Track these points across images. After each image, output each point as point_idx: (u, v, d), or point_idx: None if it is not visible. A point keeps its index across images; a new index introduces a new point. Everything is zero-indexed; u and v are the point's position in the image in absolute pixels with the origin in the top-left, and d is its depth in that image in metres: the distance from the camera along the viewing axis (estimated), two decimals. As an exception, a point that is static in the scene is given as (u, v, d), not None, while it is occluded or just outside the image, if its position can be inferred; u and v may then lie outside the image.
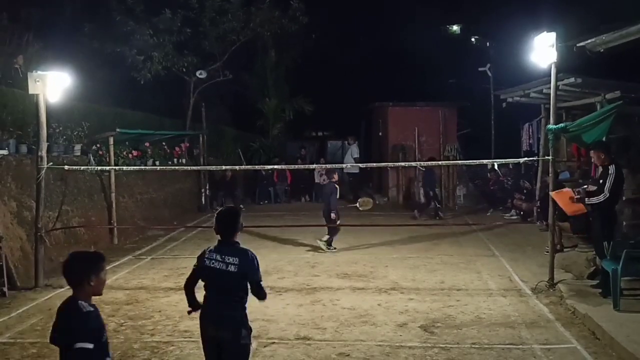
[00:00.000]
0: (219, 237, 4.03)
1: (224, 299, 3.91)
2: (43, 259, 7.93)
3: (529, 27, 9.25)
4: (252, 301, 7.05)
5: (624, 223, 8.97)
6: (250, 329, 3.96)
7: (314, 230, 10.75)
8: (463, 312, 6.55)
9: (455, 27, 30.14)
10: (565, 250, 9.31)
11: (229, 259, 3.87)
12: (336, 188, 10.35)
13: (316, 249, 10.22)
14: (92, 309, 3.05)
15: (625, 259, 6.18)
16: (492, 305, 6.81)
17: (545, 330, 5.93)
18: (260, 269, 4.00)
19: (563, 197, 7.30)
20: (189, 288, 4.14)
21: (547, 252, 7.81)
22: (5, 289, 7.31)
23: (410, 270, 8.65)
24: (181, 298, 7.25)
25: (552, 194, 7.39)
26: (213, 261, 3.91)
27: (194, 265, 4.11)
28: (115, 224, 11.02)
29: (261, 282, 3.95)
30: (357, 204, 11.44)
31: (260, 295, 3.95)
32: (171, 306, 6.90)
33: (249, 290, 3.93)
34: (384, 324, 6.16)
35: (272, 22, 17.24)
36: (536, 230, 11.11)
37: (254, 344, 5.61)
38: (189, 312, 4.14)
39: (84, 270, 3.06)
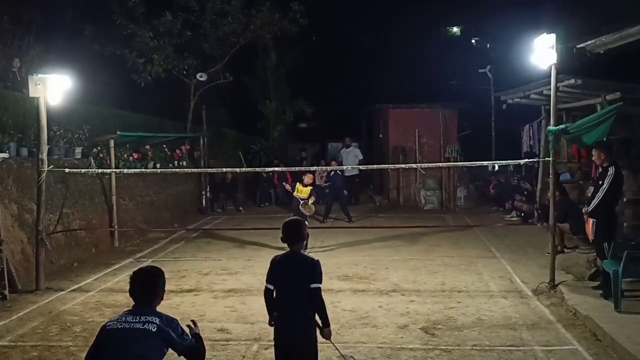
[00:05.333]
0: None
1: None
2: (44, 262, 7.93)
3: (529, 29, 9.26)
4: (253, 300, 7.09)
5: (625, 224, 8.99)
6: None
7: (314, 232, 10.70)
8: (464, 314, 6.54)
9: (455, 29, 30.24)
10: (566, 251, 9.31)
11: (146, 318, 3.14)
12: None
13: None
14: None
15: (626, 260, 6.18)
16: (493, 306, 6.81)
17: (546, 331, 5.92)
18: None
19: (588, 227, 7.45)
20: None
21: (548, 253, 7.81)
22: (6, 292, 7.31)
23: (411, 272, 8.65)
24: (182, 300, 7.30)
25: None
26: (121, 323, 3.14)
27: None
28: (116, 227, 11.02)
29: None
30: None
31: None
32: (172, 309, 6.90)
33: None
34: (385, 326, 6.16)
35: (272, 24, 17.23)
36: (537, 231, 11.09)
37: (255, 346, 5.63)
38: None
39: (305, 231, 4.17)
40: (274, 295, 4.01)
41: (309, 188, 10.83)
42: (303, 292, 3.86)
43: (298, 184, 10.92)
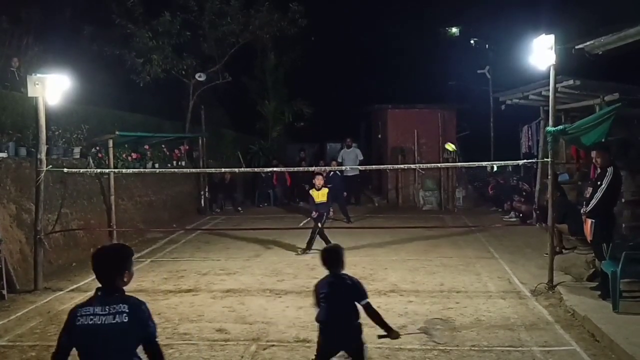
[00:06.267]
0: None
1: None
2: (42, 262, 7.93)
3: (528, 30, 9.27)
4: (251, 301, 7.09)
5: (623, 225, 8.98)
6: None
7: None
8: (462, 315, 6.55)
9: (454, 30, 30.25)
10: (564, 252, 9.31)
11: (115, 308, 2.97)
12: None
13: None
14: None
15: (625, 261, 6.18)
16: (492, 307, 6.81)
17: (544, 332, 5.92)
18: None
19: (586, 227, 7.40)
20: None
21: (547, 254, 7.81)
22: (4, 292, 7.31)
23: (410, 272, 8.65)
24: (181, 300, 7.29)
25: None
26: (91, 317, 2.95)
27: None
28: (114, 227, 10.98)
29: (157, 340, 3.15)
30: None
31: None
32: (170, 309, 6.90)
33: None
34: (384, 326, 6.15)
35: (271, 24, 17.24)
36: (535, 232, 11.10)
37: (253, 347, 5.63)
38: None
39: (344, 256, 4.37)
40: (323, 311, 4.22)
41: (325, 190, 10.31)
42: (351, 308, 4.13)
43: (313, 190, 10.40)
